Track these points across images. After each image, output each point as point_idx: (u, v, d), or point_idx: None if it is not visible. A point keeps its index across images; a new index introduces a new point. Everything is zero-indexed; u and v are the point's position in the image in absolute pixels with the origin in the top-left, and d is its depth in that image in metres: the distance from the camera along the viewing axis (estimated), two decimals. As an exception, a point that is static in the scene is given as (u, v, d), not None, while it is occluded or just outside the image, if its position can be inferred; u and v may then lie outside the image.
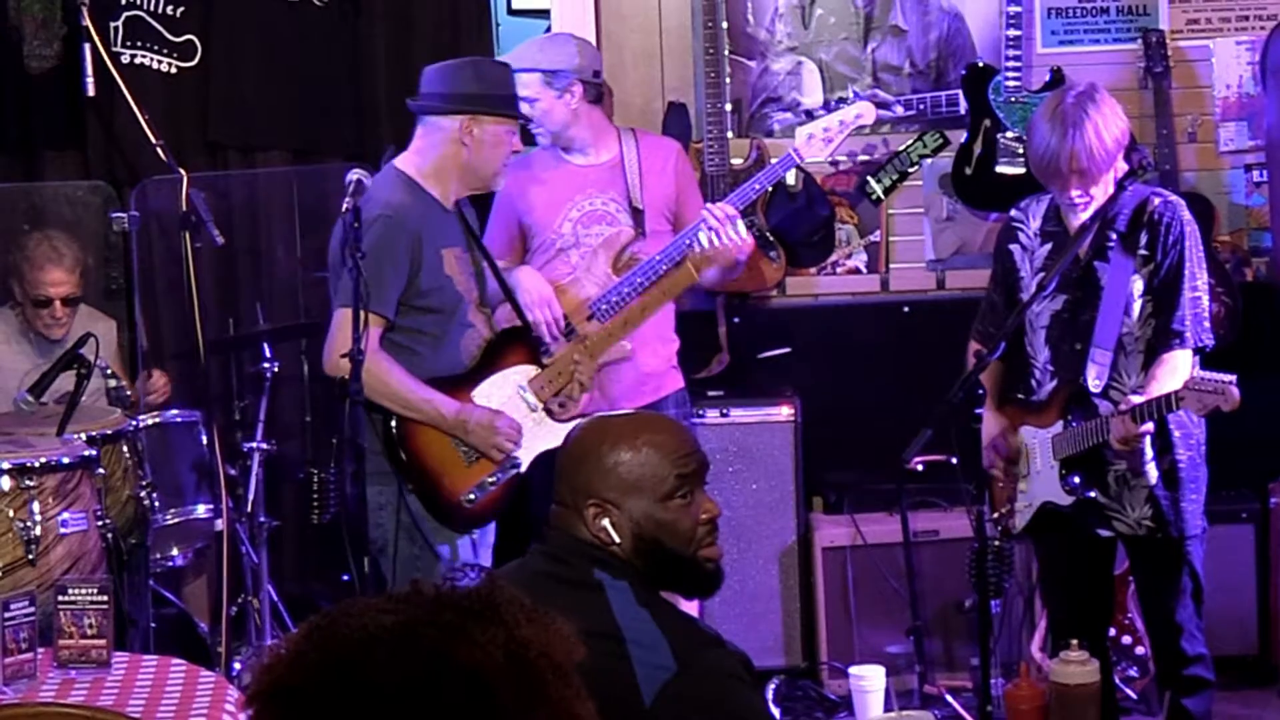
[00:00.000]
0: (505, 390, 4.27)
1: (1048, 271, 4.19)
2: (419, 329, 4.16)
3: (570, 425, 4.24)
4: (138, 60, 5.47)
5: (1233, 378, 3.83)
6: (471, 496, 4.18)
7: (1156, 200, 4.19)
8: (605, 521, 2.52)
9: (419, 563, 4.14)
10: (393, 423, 4.10)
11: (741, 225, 4.63)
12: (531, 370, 4.32)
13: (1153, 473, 4.14)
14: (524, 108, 4.77)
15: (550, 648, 1.40)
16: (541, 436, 4.27)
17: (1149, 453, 4.12)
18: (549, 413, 4.30)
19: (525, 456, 4.25)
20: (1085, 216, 4.15)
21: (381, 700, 1.33)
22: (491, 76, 4.34)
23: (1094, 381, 4.13)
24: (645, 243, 4.78)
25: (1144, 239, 4.15)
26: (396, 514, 4.10)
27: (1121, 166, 4.15)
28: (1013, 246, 4.35)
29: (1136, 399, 4.00)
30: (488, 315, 4.34)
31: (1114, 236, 4.16)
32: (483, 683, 1.34)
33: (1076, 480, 4.18)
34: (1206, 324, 4.18)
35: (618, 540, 2.52)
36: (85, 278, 5.14)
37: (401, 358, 4.13)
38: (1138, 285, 4.15)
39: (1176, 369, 4.07)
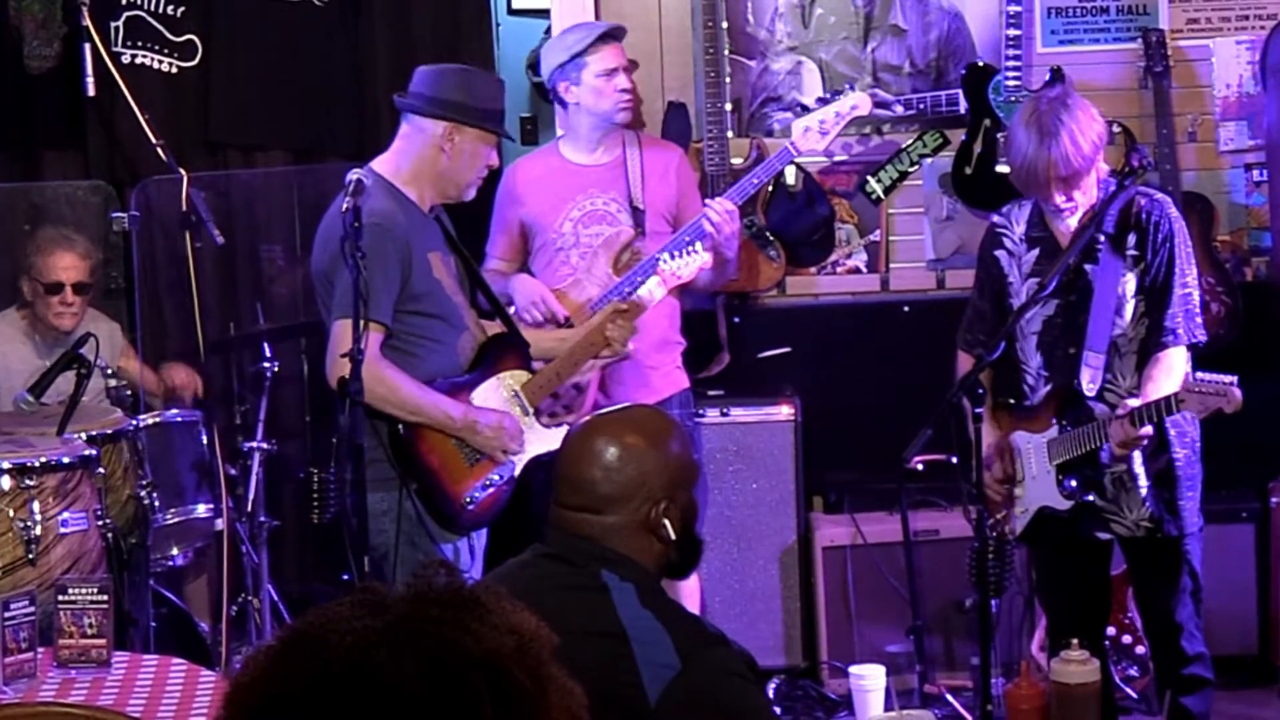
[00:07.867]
0: (501, 394, 4.26)
1: (1043, 276, 4.18)
2: (417, 333, 4.14)
3: (559, 430, 4.27)
4: (138, 60, 5.47)
5: (1234, 379, 3.82)
6: (473, 497, 4.17)
7: (1143, 200, 4.19)
8: (667, 517, 2.52)
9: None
10: (400, 427, 4.09)
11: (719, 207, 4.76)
12: (523, 375, 4.32)
13: (1144, 478, 4.14)
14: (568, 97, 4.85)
15: (537, 630, 1.40)
16: (534, 441, 4.26)
17: (1139, 457, 4.12)
18: (538, 418, 4.29)
19: (519, 461, 4.25)
20: (1074, 221, 4.15)
21: (400, 698, 1.30)
22: (481, 89, 4.30)
23: (1088, 385, 4.13)
24: (645, 242, 4.79)
25: (1132, 239, 4.15)
26: (397, 520, 4.08)
27: (1103, 167, 4.15)
28: (999, 252, 4.34)
29: (1134, 402, 3.99)
30: (475, 317, 4.33)
31: (1102, 238, 4.15)
32: (498, 667, 1.33)
33: (1073, 484, 4.16)
34: (1199, 320, 4.17)
35: (674, 536, 2.53)
36: (94, 274, 5.13)
37: (402, 362, 4.10)
38: (1129, 286, 4.15)
39: (1172, 368, 4.07)
